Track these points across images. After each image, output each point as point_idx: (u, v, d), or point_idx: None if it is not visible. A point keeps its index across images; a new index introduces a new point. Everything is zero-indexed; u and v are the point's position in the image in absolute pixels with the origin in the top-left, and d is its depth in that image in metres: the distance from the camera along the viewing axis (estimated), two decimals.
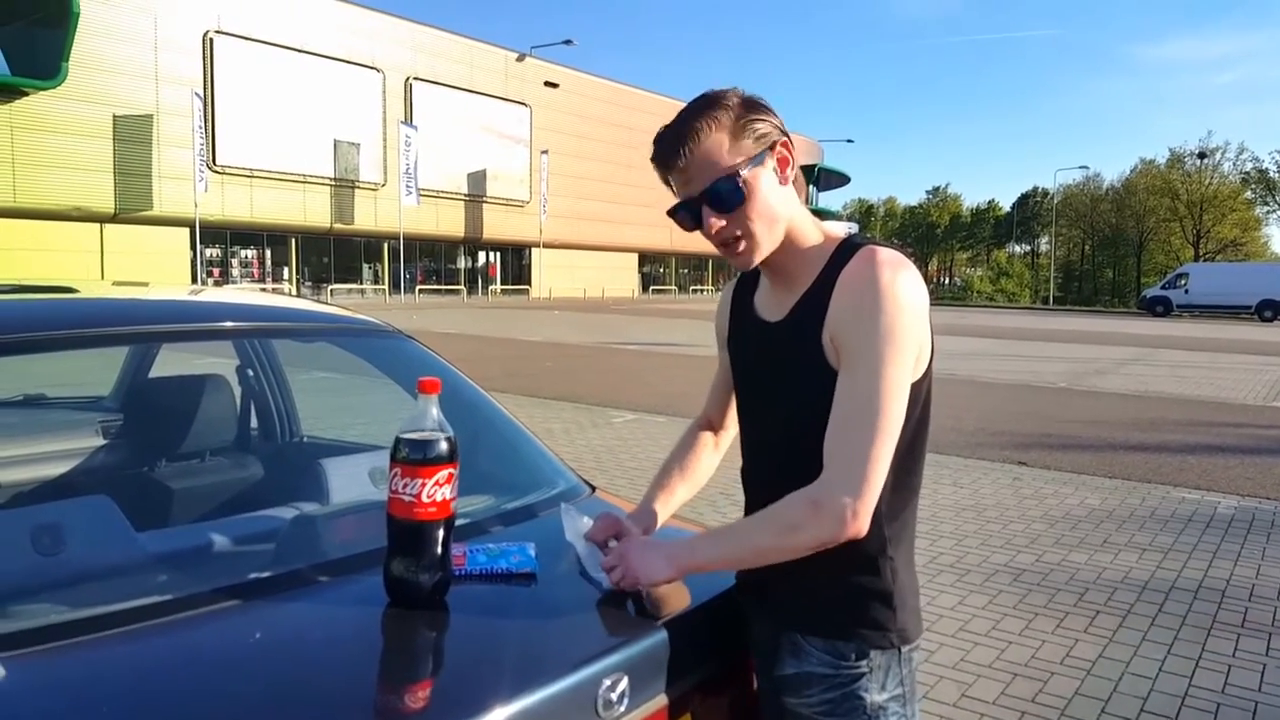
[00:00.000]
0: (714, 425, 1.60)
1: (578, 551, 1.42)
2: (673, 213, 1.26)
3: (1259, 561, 4.48)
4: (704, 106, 1.21)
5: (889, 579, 1.27)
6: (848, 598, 1.26)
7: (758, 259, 1.26)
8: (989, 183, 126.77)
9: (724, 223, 1.21)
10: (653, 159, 1.24)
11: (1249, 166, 63.36)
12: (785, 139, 1.25)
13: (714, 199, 1.20)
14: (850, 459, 1.17)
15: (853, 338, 1.18)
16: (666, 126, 1.23)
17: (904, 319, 1.17)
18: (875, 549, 1.26)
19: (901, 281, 1.18)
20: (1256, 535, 4.96)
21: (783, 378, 1.28)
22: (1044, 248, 79.99)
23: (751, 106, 1.23)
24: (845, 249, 1.25)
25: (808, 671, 1.27)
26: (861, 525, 1.17)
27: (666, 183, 1.26)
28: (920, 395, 1.25)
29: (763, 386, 1.33)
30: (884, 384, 1.16)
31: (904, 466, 1.26)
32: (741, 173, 1.20)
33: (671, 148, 1.21)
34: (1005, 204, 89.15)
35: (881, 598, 1.26)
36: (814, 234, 1.29)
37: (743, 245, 1.24)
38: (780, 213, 1.24)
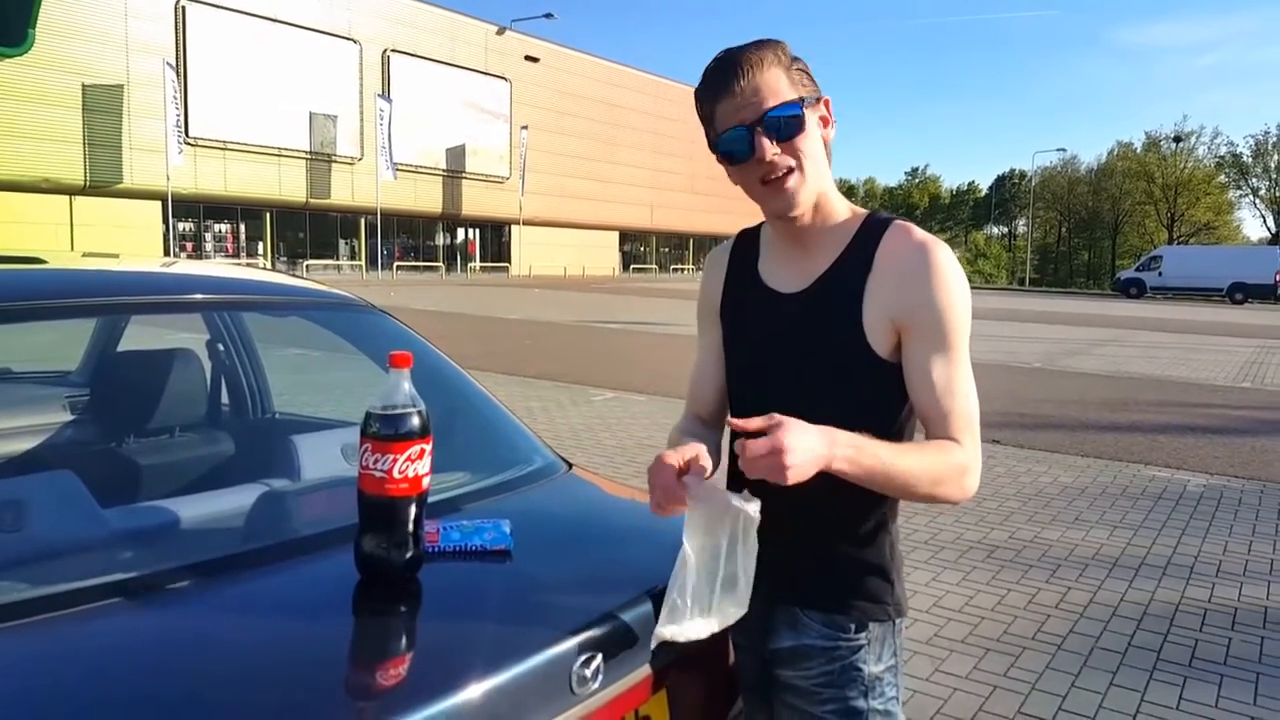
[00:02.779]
0: (710, 419, 1.38)
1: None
2: (718, 144, 1.20)
3: (1226, 538, 4.56)
4: (760, 44, 1.19)
5: (888, 553, 1.28)
6: (850, 571, 1.27)
7: (801, 200, 1.19)
8: (968, 164, 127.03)
9: (779, 149, 1.16)
10: (700, 89, 1.20)
11: (1223, 150, 64.09)
12: (827, 99, 1.23)
13: (772, 124, 1.15)
14: (971, 434, 1.20)
15: (926, 315, 1.19)
16: (718, 58, 1.18)
17: (966, 293, 1.22)
18: (878, 523, 1.27)
19: (950, 257, 1.21)
20: (1224, 513, 5.05)
21: (807, 353, 1.23)
22: (1021, 230, 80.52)
23: (801, 63, 1.22)
24: (874, 224, 1.24)
25: (807, 645, 1.27)
26: (973, 494, 1.23)
27: (707, 121, 1.21)
28: None
29: (776, 361, 1.25)
30: (966, 358, 1.22)
31: (904, 440, 1.26)
32: (802, 102, 1.17)
33: (729, 73, 1.15)
34: (984, 185, 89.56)
35: (881, 571, 1.27)
36: (841, 204, 1.27)
37: (792, 180, 1.18)
38: (825, 163, 1.22)
